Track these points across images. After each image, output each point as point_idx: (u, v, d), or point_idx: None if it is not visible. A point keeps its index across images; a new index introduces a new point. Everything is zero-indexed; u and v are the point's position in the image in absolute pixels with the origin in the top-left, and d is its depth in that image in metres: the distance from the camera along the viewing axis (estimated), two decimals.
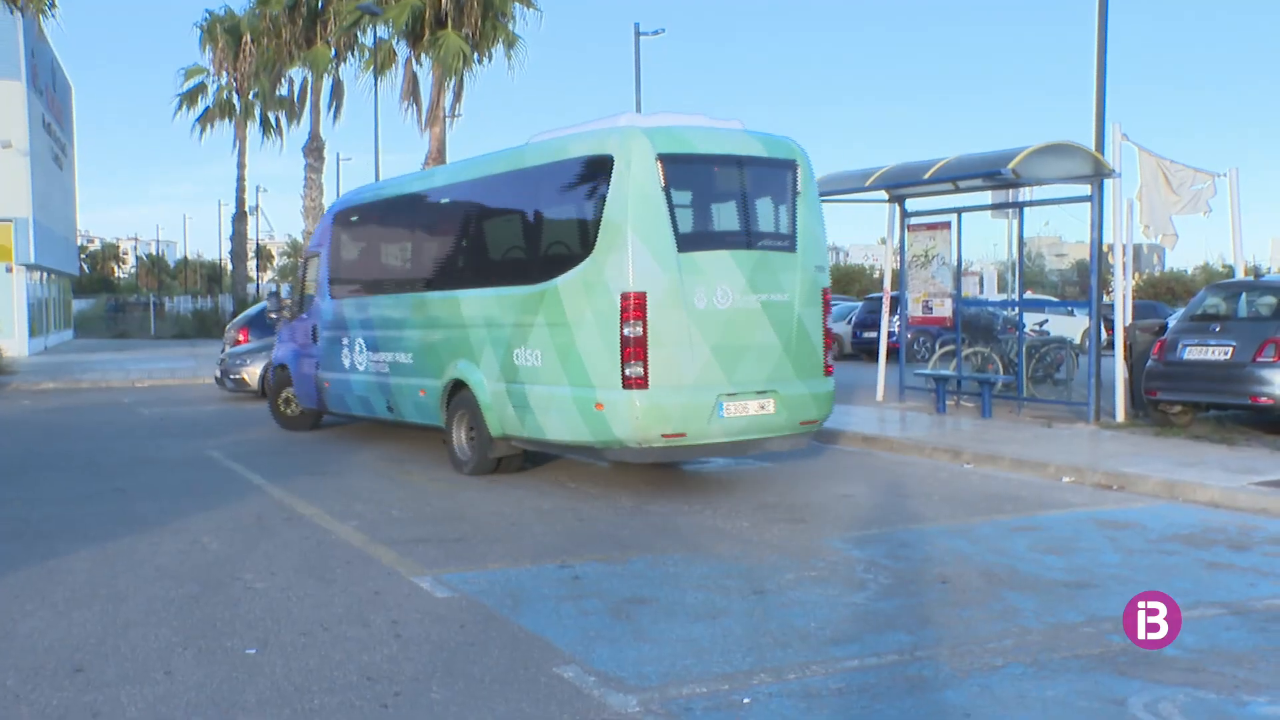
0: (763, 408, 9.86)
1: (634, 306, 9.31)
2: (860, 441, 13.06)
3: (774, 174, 10.28)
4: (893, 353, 17.43)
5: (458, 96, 33.32)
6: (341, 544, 8.14)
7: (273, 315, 15.94)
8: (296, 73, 40.10)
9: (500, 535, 8.50)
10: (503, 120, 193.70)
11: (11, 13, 25.40)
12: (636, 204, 9.43)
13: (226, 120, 43.49)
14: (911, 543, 8.14)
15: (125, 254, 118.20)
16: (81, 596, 6.75)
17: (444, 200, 12.48)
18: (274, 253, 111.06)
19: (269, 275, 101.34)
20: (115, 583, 7.08)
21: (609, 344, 9.44)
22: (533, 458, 11.59)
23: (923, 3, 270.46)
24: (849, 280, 61.24)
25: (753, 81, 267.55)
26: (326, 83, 38.74)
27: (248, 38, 39.81)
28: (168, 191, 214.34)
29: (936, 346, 16.99)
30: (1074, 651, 5.57)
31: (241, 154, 44.27)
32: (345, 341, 13.63)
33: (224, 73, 41.95)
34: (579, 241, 10.01)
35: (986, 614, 6.27)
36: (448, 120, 33.61)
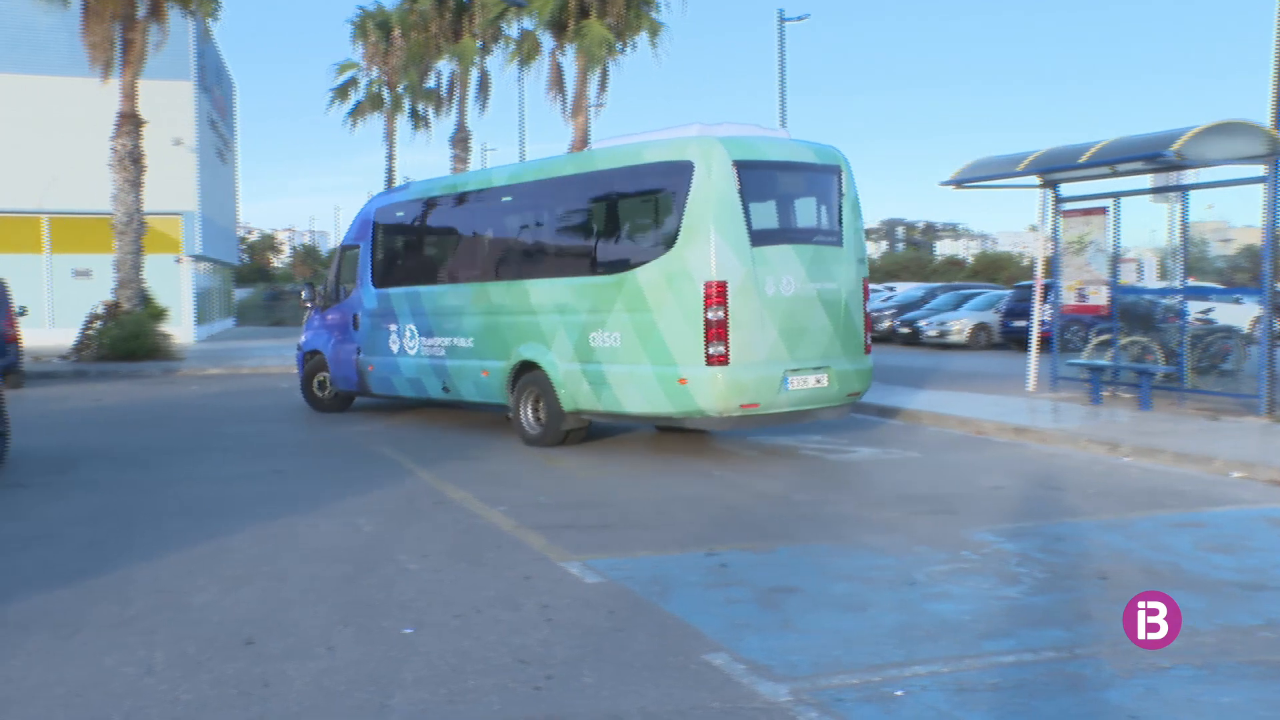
0: (819, 381, 11.21)
1: (716, 294, 10.55)
2: (1010, 432, 12.71)
3: (824, 178, 11.60)
4: (1043, 342, 16.93)
5: (602, 86, 33.55)
6: (491, 528, 8.30)
7: (306, 305, 16.76)
8: (444, 65, 40.97)
9: (646, 522, 8.56)
10: (644, 109, 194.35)
11: (184, 16, 26.62)
12: (717, 204, 10.63)
13: (377, 113, 44.76)
14: (1066, 537, 7.89)
15: (281, 244, 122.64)
16: (247, 573, 7.04)
17: (506, 199, 13.31)
18: None
19: None
20: (277, 560, 7.37)
21: (692, 326, 10.64)
22: (595, 430, 12.81)
23: None
24: (996, 268, 59.61)
25: (895, 66, 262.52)
26: (473, 75, 39.48)
27: (397, 32, 40.84)
28: (320, 183, 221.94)
29: (1091, 336, 16.34)
30: (1251, 657, 5.30)
31: (391, 146, 45.42)
32: (393, 328, 14.58)
33: (374, 67, 43.16)
34: (657, 236, 11.23)
35: None
36: (592, 110, 33.90)
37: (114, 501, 9.52)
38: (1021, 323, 23.91)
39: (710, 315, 10.53)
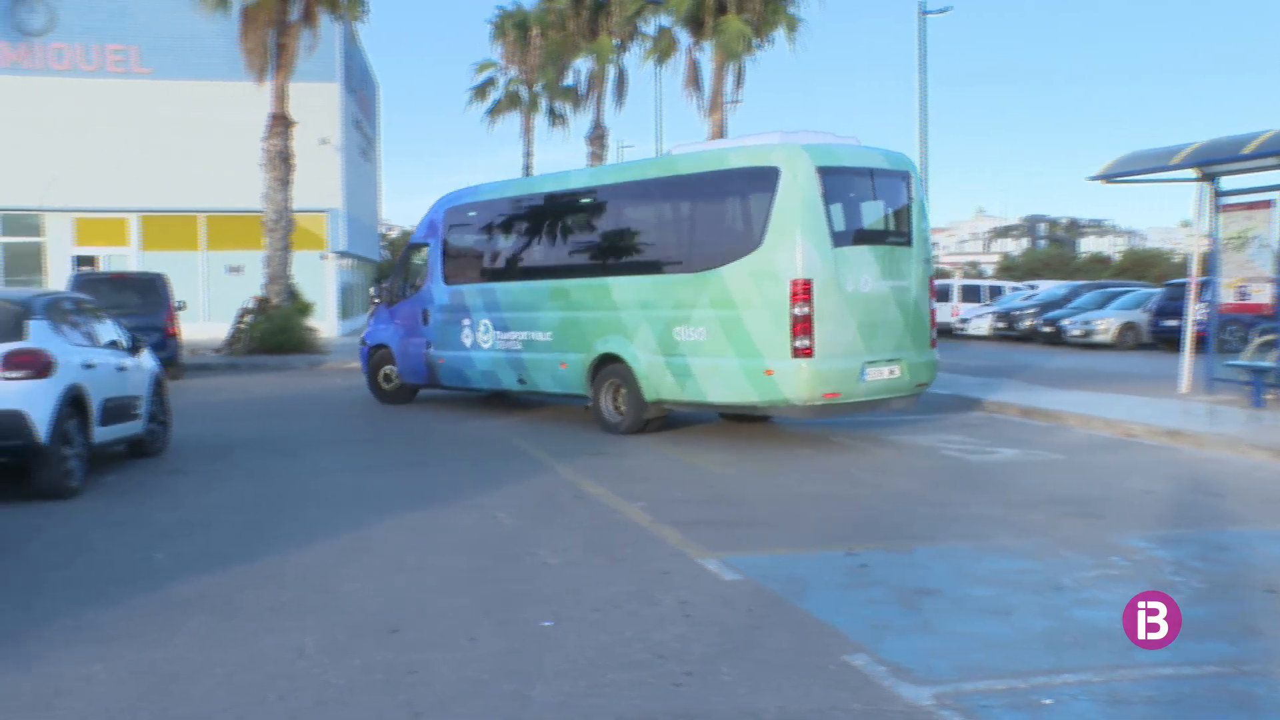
0: (892, 372, 11.92)
1: (802, 291, 11.20)
2: (1162, 435, 12.22)
3: (895, 183, 12.29)
4: (1197, 342, 16.24)
5: (738, 82, 33.45)
6: (629, 524, 8.33)
7: (376, 301, 17.16)
8: (581, 63, 41.39)
9: (783, 520, 8.49)
10: (779, 104, 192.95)
11: (332, 20, 27.51)
12: (802, 207, 11.30)
13: (515, 111, 45.44)
14: (1227, 545, 7.54)
15: None
16: (391, 564, 7.21)
17: (585, 200, 13.92)
18: None
19: None
20: (420, 551, 7.53)
21: (778, 321, 11.28)
22: (673, 418, 13.42)
23: None
24: (1145, 266, 57.49)
25: (1037, 58, 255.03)
26: (610, 72, 39.81)
27: (535, 31, 41.43)
28: (458, 180, 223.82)
29: (1252, 336, 15.60)
30: None
31: (528, 143, 46.03)
32: (466, 323, 15.12)
33: (513, 66, 43.84)
34: (742, 236, 11.87)
35: None
36: (728, 106, 33.81)
37: (265, 490, 9.88)
38: (1173, 322, 22.99)
39: (796, 311, 11.19)
